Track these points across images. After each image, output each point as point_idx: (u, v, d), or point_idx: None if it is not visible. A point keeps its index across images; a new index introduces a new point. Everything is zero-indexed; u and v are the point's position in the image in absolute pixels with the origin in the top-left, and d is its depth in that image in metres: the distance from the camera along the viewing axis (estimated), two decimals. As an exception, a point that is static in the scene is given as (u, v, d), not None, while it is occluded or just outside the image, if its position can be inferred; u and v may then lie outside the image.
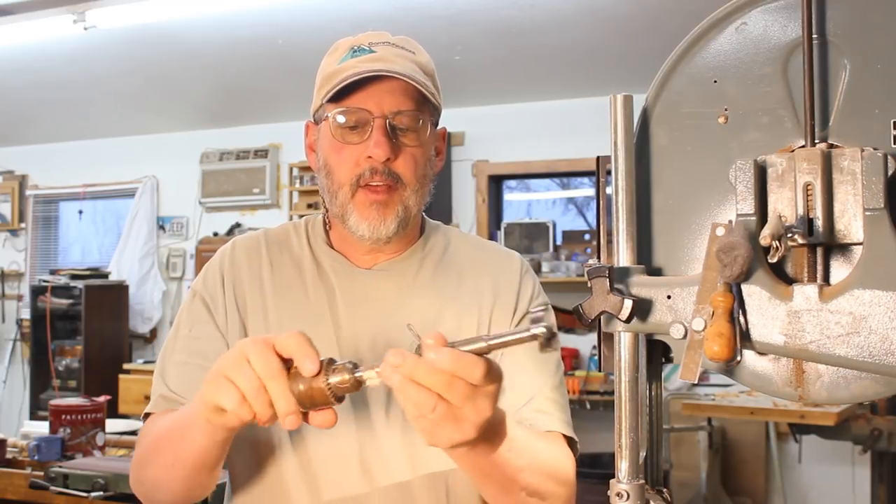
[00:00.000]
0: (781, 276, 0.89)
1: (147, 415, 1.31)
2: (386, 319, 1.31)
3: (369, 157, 1.25)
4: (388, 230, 1.27)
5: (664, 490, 0.98)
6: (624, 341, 0.92)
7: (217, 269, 1.38)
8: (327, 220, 1.40)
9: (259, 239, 1.41)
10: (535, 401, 1.28)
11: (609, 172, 0.95)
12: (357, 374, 0.90)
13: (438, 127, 1.36)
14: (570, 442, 1.30)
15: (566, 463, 1.27)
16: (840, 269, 0.88)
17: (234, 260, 1.38)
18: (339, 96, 1.26)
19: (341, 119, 1.27)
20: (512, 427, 1.07)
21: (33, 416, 6.07)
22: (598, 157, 0.99)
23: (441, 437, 0.90)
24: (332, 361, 0.91)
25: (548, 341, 0.85)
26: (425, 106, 1.29)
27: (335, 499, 1.28)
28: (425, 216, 1.43)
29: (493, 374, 0.88)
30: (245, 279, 1.36)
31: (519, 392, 1.27)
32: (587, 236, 5.73)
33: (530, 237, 5.71)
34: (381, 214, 1.27)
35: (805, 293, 0.85)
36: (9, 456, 3.14)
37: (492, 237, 5.71)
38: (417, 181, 1.29)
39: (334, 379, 0.89)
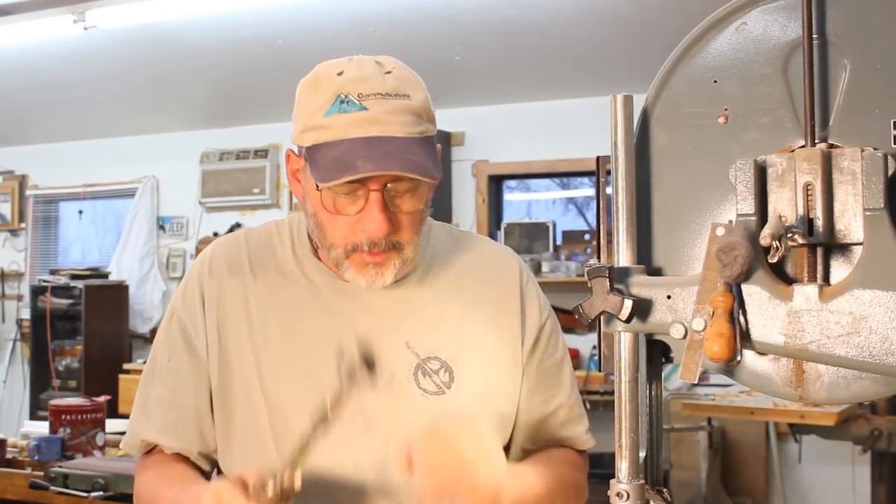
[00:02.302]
0: (781, 276, 0.89)
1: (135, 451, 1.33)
2: (380, 333, 1.25)
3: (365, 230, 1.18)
4: (386, 281, 1.22)
5: (664, 490, 0.99)
6: (624, 341, 0.92)
7: (196, 284, 1.32)
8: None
9: (240, 244, 1.34)
10: (562, 410, 1.35)
11: (609, 172, 0.95)
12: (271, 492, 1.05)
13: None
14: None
15: (581, 474, 1.36)
16: (840, 269, 0.88)
17: (213, 269, 1.32)
18: None
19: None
20: (539, 476, 1.21)
21: (33, 416, 6.06)
22: (598, 157, 0.99)
23: None
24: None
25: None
26: None
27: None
28: None
29: None
30: (226, 290, 1.30)
31: (547, 399, 1.34)
32: (587, 236, 5.72)
33: (530, 237, 5.70)
34: (380, 272, 1.21)
35: (805, 293, 0.85)
36: (9, 456, 3.14)
37: (492, 237, 5.67)
38: (416, 235, 1.23)
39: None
